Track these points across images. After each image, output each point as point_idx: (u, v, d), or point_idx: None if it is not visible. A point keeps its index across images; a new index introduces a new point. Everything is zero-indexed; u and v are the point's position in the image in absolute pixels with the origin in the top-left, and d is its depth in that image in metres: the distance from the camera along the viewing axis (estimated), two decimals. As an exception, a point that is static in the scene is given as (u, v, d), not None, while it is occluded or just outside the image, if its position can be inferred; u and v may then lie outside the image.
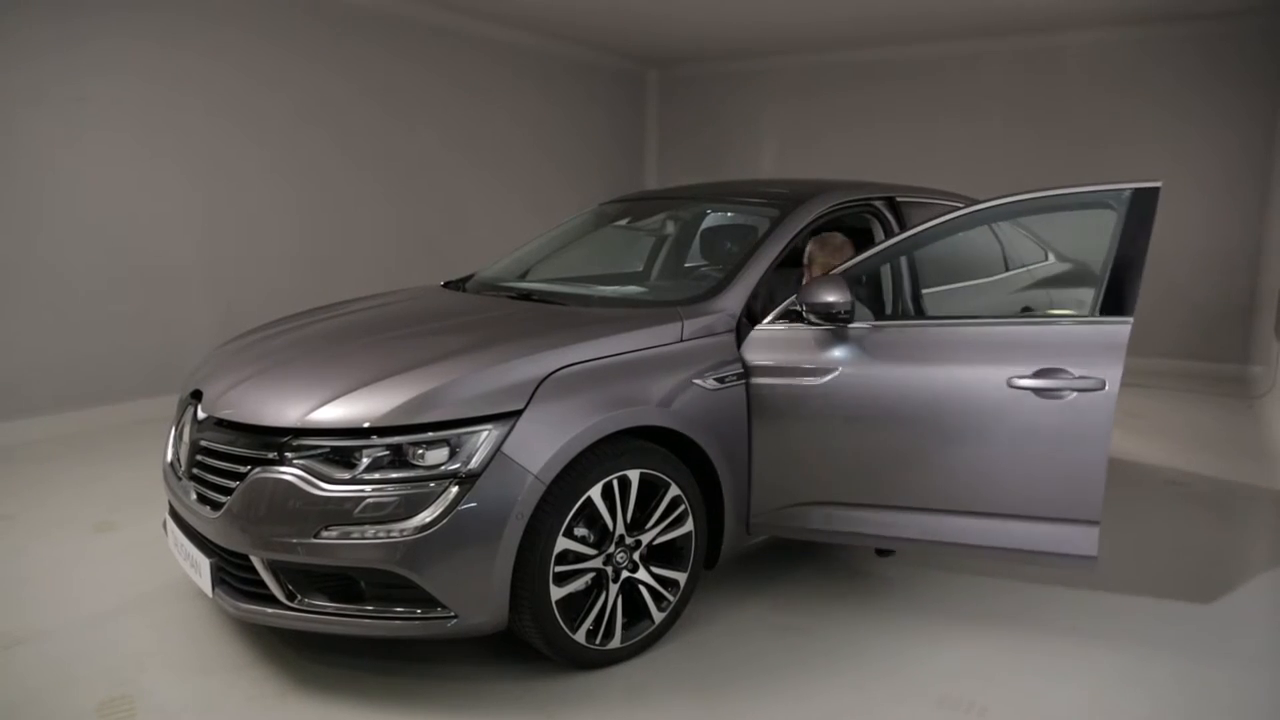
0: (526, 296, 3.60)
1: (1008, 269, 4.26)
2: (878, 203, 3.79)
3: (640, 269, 4.52)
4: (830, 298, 2.99)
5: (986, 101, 8.53)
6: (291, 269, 6.70)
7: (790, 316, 3.15)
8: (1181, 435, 5.85)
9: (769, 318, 3.18)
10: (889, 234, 3.74)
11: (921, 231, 3.20)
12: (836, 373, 3.06)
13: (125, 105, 5.63)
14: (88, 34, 5.40)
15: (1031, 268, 4.42)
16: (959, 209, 3.19)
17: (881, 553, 3.64)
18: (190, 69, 5.93)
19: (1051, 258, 4.65)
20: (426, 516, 2.44)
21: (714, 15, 7.65)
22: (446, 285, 4.09)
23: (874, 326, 3.09)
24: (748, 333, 3.17)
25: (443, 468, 2.48)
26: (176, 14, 5.81)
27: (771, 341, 3.14)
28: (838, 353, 3.08)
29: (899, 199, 3.84)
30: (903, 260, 3.49)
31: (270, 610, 2.60)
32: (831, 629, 3.12)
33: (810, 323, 3.09)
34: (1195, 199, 7.72)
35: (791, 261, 3.58)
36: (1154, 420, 6.23)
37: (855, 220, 3.85)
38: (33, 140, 5.24)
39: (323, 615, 2.56)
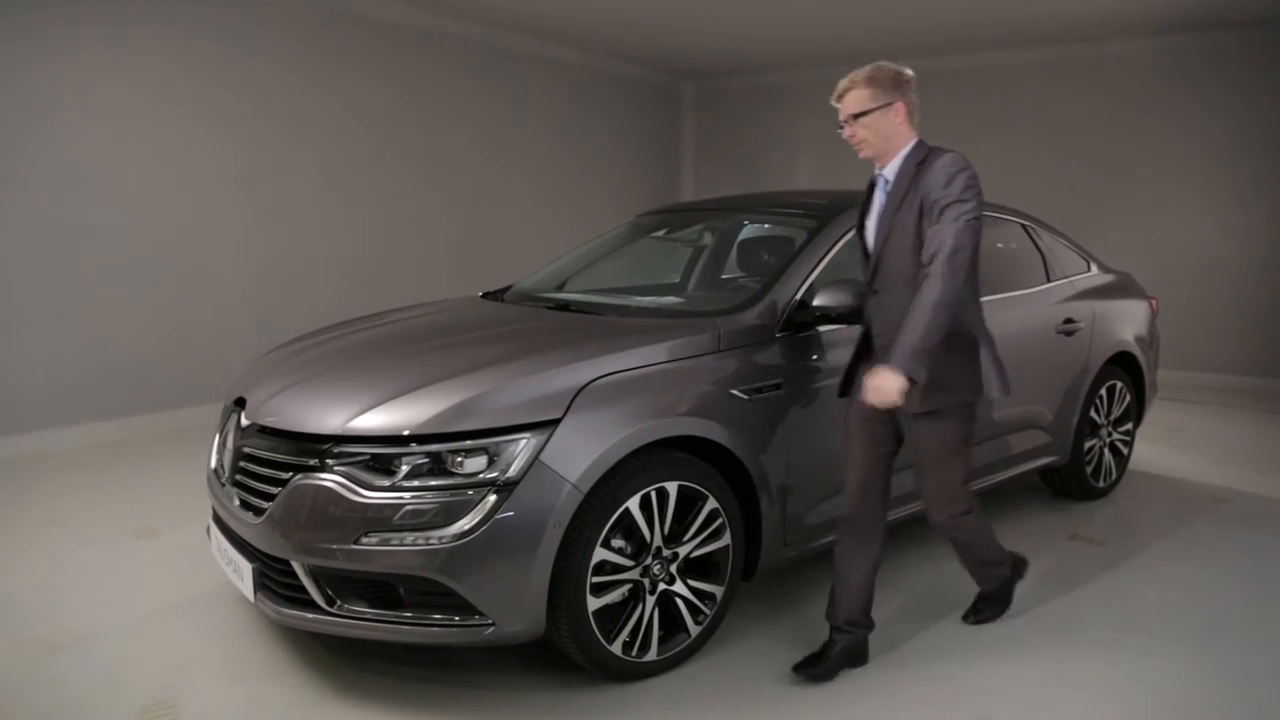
0: (564, 307, 3.61)
1: (1049, 280, 4.27)
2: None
3: (677, 280, 4.51)
4: (827, 301, 3.03)
5: (1021, 112, 8.44)
6: (333, 280, 6.79)
7: (794, 325, 3.15)
8: (1227, 451, 5.71)
9: (778, 325, 3.16)
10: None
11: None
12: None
13: (169, 113, 5.74)
14: (129, 42, 5.52)
15: (1074, 278, 4.41)
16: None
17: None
18: (234, 77, 6.04)
19: (1094, 268, 4.61)
20: (465, 524, 2.45)
21: (749, 29, 7.66)
22: (485, 296, 4.11)
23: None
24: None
25: (481, 476, 2.49)
26: (223, 20, 5.93)
27: (791, 349, 3.15)
28: (841, 350, 3.14)
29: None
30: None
31: (310, 615, 2.63)
32: (870, 644, 3.09)
33: (817, 327, 3.17)
34: (1239, 211, 7.58)
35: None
36: (1198, 436, 6.10)
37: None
38: (79, 149, 5.36)
39: (362, 621, 2.57)
